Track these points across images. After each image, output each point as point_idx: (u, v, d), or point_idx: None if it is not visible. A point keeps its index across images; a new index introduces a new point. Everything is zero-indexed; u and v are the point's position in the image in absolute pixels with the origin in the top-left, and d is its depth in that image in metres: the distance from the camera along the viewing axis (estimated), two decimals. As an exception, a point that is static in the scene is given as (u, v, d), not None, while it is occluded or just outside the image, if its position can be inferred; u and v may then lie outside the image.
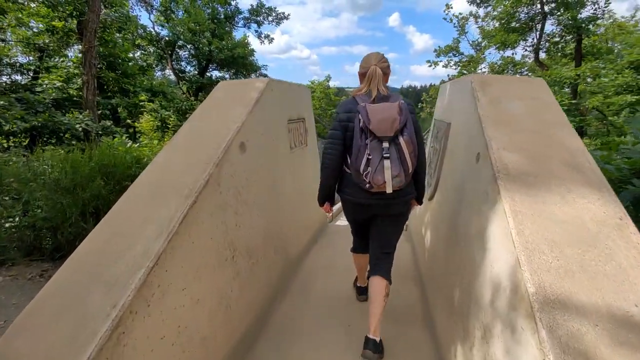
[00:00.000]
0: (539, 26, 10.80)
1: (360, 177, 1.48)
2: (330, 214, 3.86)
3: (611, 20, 12.24)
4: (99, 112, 7.15)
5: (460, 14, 20.09)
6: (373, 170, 1.44)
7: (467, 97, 1.71)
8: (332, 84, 23.18)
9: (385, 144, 1.45)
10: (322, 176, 1.69)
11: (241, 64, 11.59)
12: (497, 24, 11.90)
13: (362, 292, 2.07)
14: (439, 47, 21.89)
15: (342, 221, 3.98)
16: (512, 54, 12.62)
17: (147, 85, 8.06)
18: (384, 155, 1.44)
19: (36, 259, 2.80)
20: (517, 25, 10.95)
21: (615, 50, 11.06)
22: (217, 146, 1.48)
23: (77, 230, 2.67)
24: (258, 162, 1.83)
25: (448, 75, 23.12)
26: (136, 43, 11.30)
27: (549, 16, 10.38)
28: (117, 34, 8.81)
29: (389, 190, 1.46)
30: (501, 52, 12.75)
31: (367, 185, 1.47)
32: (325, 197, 1.77)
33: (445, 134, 2.09)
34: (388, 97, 1.55)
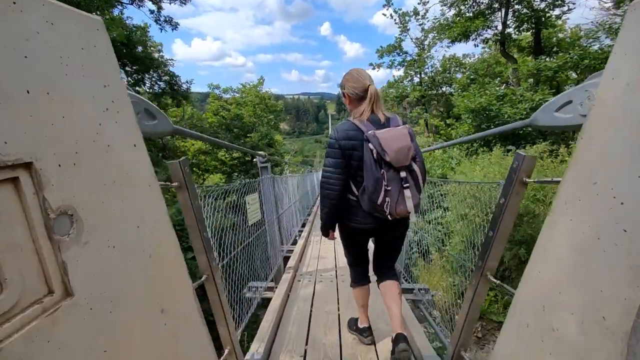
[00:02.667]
0: (500, 14, 10.17)
1: (377, 208, 1.50)
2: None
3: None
4: None
5: (399, 9, 19.80)
6: (394, 201, 1.47)
7: None
8: (269, 89, 21.16)
9: (403, 174, 1.49)
10: (326, 210, 1.68)
11: (125, 54, 8.49)
12: (452, 13, 11.12)
13: (366, 333, 2.03)
14: (381, 47, 21.55)
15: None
16: (475, 45, 11.94)
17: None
18: (404, 185, 1.48)
19: None
20: (472, 13, 10.20)
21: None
22: None
23: None
24: None
25: (394, 76, 22.89)
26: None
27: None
28: None
29: (413, 219, 1.62)
30: (457, 43, 12.05)
31: (388, 216, 1.50)
32: (330, 228, 1.78)
33: None
34: (389, 120, 1.59)
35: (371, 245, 2.22)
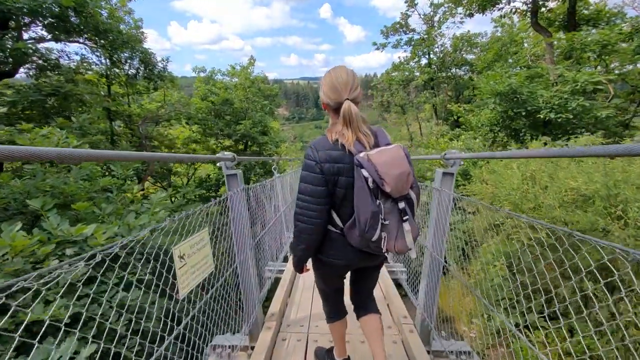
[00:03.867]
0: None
1: (371, 245, 1.29)
2: None
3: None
4: None
5: (407, -19, 18.23)
6: (392, 236, 1.27)
7: None
8: (262, 72, 19.69)
9: (402, 204, 1.27)
10: (303, 246, 1.41)
11: (77, 25, 7.01)
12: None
13: None
14: (385, 26, 20.13)
15: None
16: (501, 16, 10.53)
17: None
18: (404, 218, 1.29)
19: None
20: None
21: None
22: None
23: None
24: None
25: (399, 58, 21.44)
26: None
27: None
28: None
29: (413, 256, 1.35)
30: (472, 18, 10.69)
31: (385, 253, 1.38)
32: (305, 263, 1.54)
33: None
34: (375, 135, 1.36)
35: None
